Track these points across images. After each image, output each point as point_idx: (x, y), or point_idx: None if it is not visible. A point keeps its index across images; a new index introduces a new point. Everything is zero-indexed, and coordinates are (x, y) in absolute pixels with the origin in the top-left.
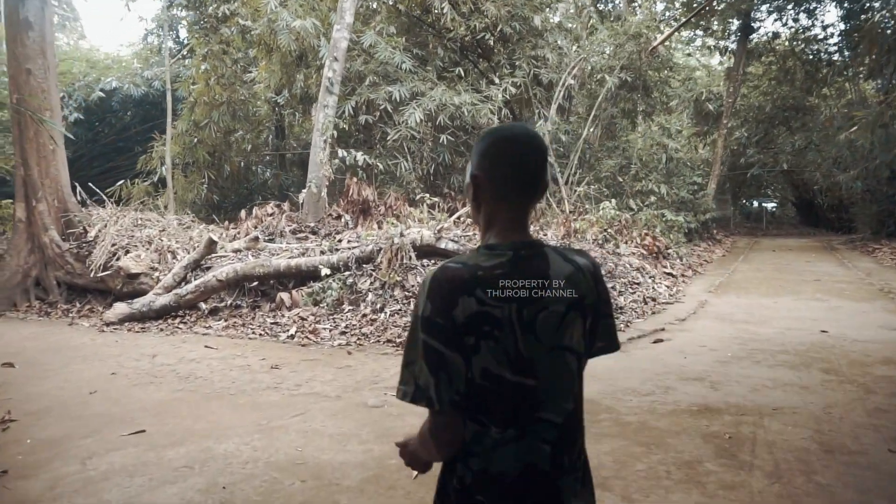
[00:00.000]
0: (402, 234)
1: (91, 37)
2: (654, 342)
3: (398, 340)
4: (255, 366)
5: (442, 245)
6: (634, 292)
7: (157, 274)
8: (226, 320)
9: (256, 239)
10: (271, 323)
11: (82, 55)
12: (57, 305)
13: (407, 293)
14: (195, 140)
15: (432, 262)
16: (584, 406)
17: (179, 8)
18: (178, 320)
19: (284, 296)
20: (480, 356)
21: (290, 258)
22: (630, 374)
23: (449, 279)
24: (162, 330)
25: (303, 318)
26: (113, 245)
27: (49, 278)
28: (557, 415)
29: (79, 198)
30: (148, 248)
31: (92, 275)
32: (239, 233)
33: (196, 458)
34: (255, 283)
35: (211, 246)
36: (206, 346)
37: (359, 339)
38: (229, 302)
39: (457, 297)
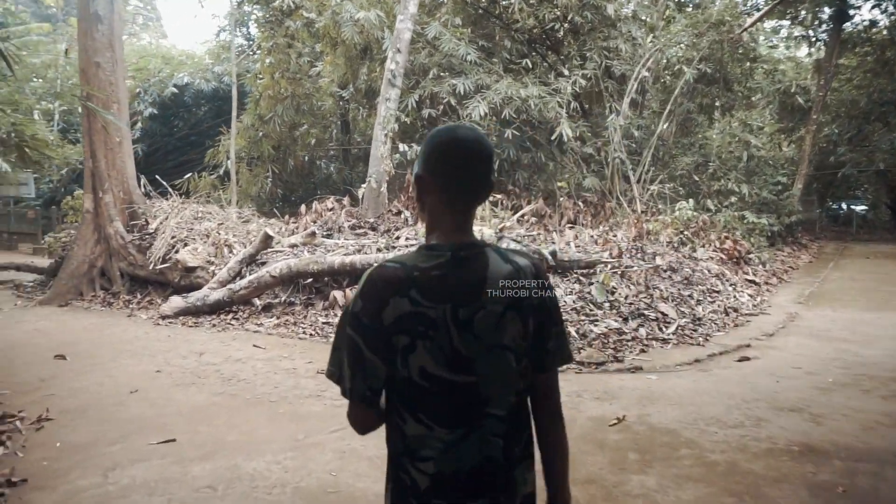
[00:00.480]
0: None
1: (171, 36)
2: (739, 360)
3: None
4: (301, 369)
5: (503, 244)
6: (714, 301)
7: (213, 268)
8: (278, 318)
9: (313, 234)
10: (323, 322)
11: (158, 52)
12: (119, 296)
13: None
14: (260, 134)
15: None
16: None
17: (250, 4)
18: (230, 316)
19: (338, 294)
20: (416, 355)
21: (344, 255)
22: (714, 400)
23: (385, 279)
24: (214, 325)
25: None
26: (172, 237)
27: (113, 269)
28: (502, 409)
29: (143, 189)
30: (205, 242)
31: (151, 267)
32: (298, 227)
33: (221, 477)
34: (310, 280)
35: (266, 240)
36: (254, 346)
37: None
38: (283, 298)
39: (388, 297)
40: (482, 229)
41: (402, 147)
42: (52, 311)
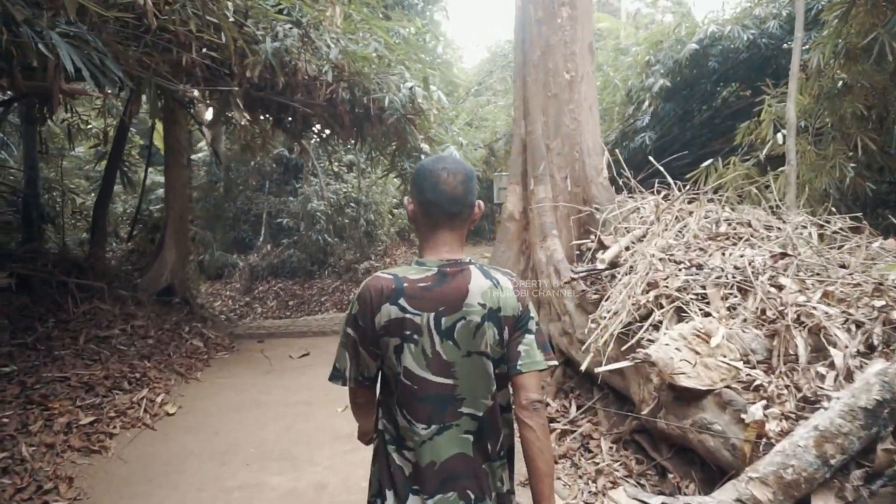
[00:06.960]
0: None
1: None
2: None
3: None
4: None
5: None
6: None
7: (754, 401)
8: None
9: None
10: None
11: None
12: (550, 396)
13: None
14: (839, 84)
15: None
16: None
17: None
18: None
19: None
20: (404, 356)
21: None
22: None
23: (377, 289)
24: None
25: None
26: (647, 288)
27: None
28: (477, 409)
29: (611, 176)
30: (735, 310)
31: (583, 366)
32: None
33: None
34: None
35: None
36: None
37: None
38: None
39: (381, 304)
40: None
41: None
42: None
